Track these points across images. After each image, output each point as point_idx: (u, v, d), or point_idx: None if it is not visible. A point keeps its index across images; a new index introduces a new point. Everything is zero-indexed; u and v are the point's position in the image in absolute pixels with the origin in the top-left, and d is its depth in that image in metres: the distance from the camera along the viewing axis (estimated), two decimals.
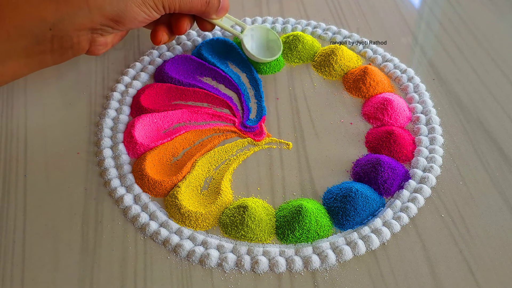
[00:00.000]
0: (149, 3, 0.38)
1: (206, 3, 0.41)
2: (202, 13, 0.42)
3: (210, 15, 0.43)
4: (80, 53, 0.39)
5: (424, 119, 0.45)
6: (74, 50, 0.38)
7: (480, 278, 0.35)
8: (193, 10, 0.41)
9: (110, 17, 0.37)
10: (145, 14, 0.38)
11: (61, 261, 0.35)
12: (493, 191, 0.40)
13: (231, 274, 0.35)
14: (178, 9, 0.40)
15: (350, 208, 0.37)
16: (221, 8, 0.43)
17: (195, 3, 0.40)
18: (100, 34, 0.38)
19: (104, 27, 0.37)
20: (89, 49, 0.39)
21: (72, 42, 0.37)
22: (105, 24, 0.37)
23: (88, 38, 0.37)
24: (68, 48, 0.37)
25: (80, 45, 0.37)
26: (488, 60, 0.51)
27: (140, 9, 0.37)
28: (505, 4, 0.57)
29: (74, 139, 0.43)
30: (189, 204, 0.38)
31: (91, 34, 0.37)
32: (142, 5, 0.37)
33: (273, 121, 0.45)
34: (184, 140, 0.43)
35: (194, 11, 0.41)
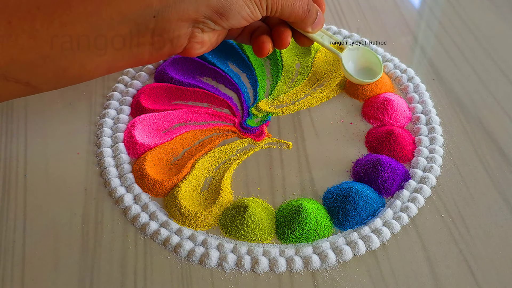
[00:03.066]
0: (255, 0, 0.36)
1: (306, 10, 0.39)
2: (301, 22, 0.40)
3: (307, 26, 0.41)
4: (178, 50, 0.36)
5: (424, 119, 0.45)
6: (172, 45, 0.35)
7: (480, 278, 0.35)
8: (293, 15, 0.39)
9: (215, 8, 0.35)
10: (249, 9, 0.36)
11: (61, 261, 0.35)
12: (493, 191, 0.40)
13: (231, 274, 0.35)
14: (279, 11, 0.38)
15: (350, 208, 0.37)
16: (317, 22, 0.41)
17: (296, 8, 0.39)
18: (201, 29, 0.36)
19: (207, 20, 0.35)
20: (187, 46, 0.37)
21: (172, 35, 0.35)
22: (209, 16, 0.35)
23: (189, 32, 0.35)
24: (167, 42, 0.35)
25: (179, 39, 0.35)
26: (488, 60, 0.51)
27: (245, 3, 0.36)
28: (505, 4, 0.57)
29: (74, 139, 0.43)
30: (189, 204, 0.38)
31: (192, 27, 0.35)
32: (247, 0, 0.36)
33: (273, 121, 0.45)
34: (184, 140, 0.43)
35: (294, 17, 0.39)
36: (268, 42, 0.41)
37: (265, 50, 0.41)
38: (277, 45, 0.41)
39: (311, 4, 0.40)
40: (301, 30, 0.42)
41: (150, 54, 0.35)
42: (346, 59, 0.46)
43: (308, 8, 0.39)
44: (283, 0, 0.37)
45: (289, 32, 0.41)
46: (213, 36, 0.38)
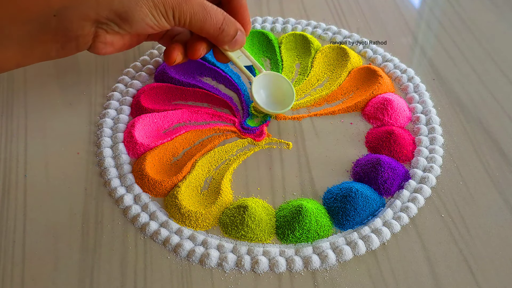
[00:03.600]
0: (160, 8, 0.36)
1: (219, 29, 0.38)
2: (215, 39, 0.39)
3: (222, 43, 0.40)
4: (83, 47, 0.37)
5: (424, 119, 0.45)
6: (77, 43, 0.36)
7: (480, 278, 0.35)
8: (204, 31, 0.38)
9: (117, 12, 0.35)
10: (154, 18, 0.36)
11: (61, 261, 0.35)
12: (493, 191, 0.40)
13: (231, 274, 0.35)
14: (188, 24, 0.37)
15: (350, 208, 0.37)
16: (235, 41, 0.40)
17: (207, 25, 0.38)
18: (105, 30, 0.36)
19: (110, 22, 0.36)
20: (92, 44, 0.37)
21: (76, 34, 0.35)
22: (111, 18, 0.35)
23: (92, 32, 0.36)
24: (71, 40, 0.36)
25: (83, 38, 0.36)
26: (488, 60, 0.51)
27: (150, 11, 0.36)
28: (505, 4, 0.57)
29: (74, 139, 0.43)
30: (189, 204, 0.38)
31: (95, 27, 0.36)
32: (152, 8, 0.36)
33: (273, 121, 0.45)
34: (184, 140, 0.43)
35: (205, 33, 0.39)
36: (177, 50, 0.40)
37: (171, 58, 0.40)
38: (189, 55, 0.40)
39: (228, 23, 0.39)
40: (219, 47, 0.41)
41: (56, 50, 0.36)
42: (257, 84, 0.43)
43: (222, 27, 0.38)
44: (192, 14, 0.37)
45: (202, 44, 0.40)
46: (121, 38, 0.38)
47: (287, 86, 0.44)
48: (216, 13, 0.38)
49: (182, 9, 0.36)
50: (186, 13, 0.37)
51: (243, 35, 0.41)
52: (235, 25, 0.40)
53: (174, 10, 0.36)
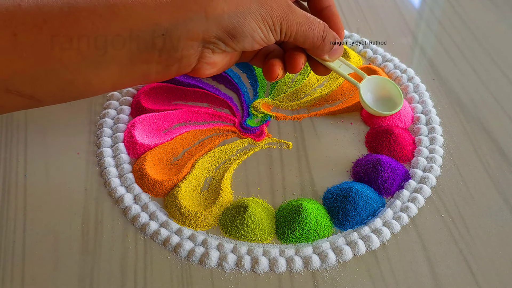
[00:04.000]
0: (268, 22, 0.35)
1: (322, 37, 0.38)
2: (316, 48, 0.38)
3: (323, 53, 0.39)
4: (186, 69, 0.35)
5: (424, 119, 0.45)
6: (181, 64, 0.34)
7: (480, 278, 0.35)
8: (308, 42, 0.37)
9: (227, 29, 0.33)
10: (262, 33, 0.35)
11: (61, 261, 0.35)
12: (493, 191, 0.40)
13: (231, 274, 0.35)
14: (294, 36, 0.36)
15: (350, 208, 0.37)
16: (335, 50, 0.40)
17: (311, 34, 0.37)
18: (211, 50, 0.35)
19: (217, 41, 0.34)
20: (196, 66, 0.35)
21: (181, 54, 0.34)
22: (220, 37, 0.34)
23: (198, 52, 0.34)
24: (175, 61, 0.34)
25: (188, 59, 0.34)
26: (488, 60, 0.51)
27: (258, 26, 0.34)
28: (505, 4, 0.57)
29: (74, 139, 0.43)
30: (189, 204, 0.38)
31: (202, 47, 0.34)
32: (260, 22, 0.34)
33: (273, 121, 0.45)
34: (184, 140, 0.43)
35: (309, 44, 0.38)
36: (278, 66, 0.39)
37: (273, 73, 0.39)
38: (289, 69, 0.40)
39: (328, 31, 0.38)
40: (317, 58, 0.40)
41: (157, 72, 0.35)
42: (365, 90, 0.43)
43: (324, 35, 0.38)
44: (298, 25, 0.36)
45: (301, 57, 0.39)
46: (224, 57, 0.37)
47: (392, 87, 0.44)
48: (318, 23, 0.37)
49: (289, 21, 0.35)
50: (293, 24, 0.36)
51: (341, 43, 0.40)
52: (333, 33, 0.39)
53: (282, 22, 0.35)
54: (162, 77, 0.35)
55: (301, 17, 0.36)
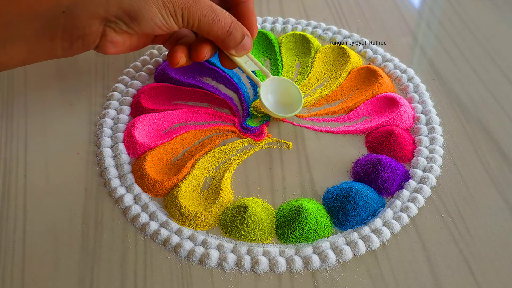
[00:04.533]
0: (169, 8, 0.36)
1: (227, 32, 0.38)
2: (222, 42, 0.39)
3: (229, 47, 0.40)
4: (90, 46, 0.36)
5: (424, 119, 0.45)
6: (84, 42, 0.36)
7: (480, 278, 0.35)
8: (212, 34, 0.38)
9: (126, 10, 0.35)
10: (163, 18, 0.36)
11: (61, 261, 0.35)
12: (493, 191, 0.40)
13: (231, 274, 0.35)
14: (196, 26, 0.37)
15: (350, 208, 0.37)
16: (242, 46, 0.40)
17: (216, 27, 0.37)
18: (113, 29, 0.36)
19: (118, 20, 0.35)
20: (99, 43, 0.36)
21: (84, 32, 0.35)
22: (120, 17, 0.35)
23: (100, 30, 0.35)
24: (78, 38, 0.35)
25: (91, 36, 0.35)
26: (488, 60, 0.51)
27: (159, 11, 0.35)
28: (505, 4, 0.57)
29: (74, 139, 0.43)
30: (189, 204, 0.38)
31: (103, 26, 0.35)
32: (161, 8, 0.35)
33: (273, 121, 0.45)
34: (184, 140, 0.43)
35: (213, 36, 0.38)
36: (181, 52, 0.40)
37: (174, 59, 0.40)
38: (193, 57, 0.40)
39: (235, 26, 0.38)
40: (225, 51, 0.40)
41: (62, 48, 0.36)
42: (265, 89, 0.43)
43: (230, 31, 0.38)
44: (201, 16, 0.37)
45: (205, 47, 0.40)
46: (128, 38, 0.37)
47: (295, 90, 0.44)
48: (224, 16, 0.38)
49: (191, 10, 0.36)
50: (195, 14, 0.36)
51: (250, 40, 0.40)
52: (243, 29, 0.39)
53: (184, 10, 0.36)
54: (69, 53, 0.36)
55: (205, 8, 0.37)
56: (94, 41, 0.36)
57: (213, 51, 0.41)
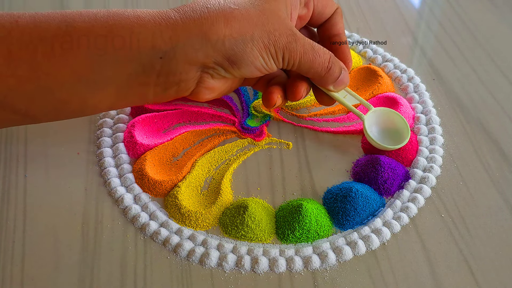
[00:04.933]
0: (270, 50, 0.34)
1: (327, 68, 0.36)
2: (321, 79, 0.37)
3: (328, 84, 0.38)
4: (184, 93, 0.35)
5: (424, 119, 0.45)
6: (179, 88, 0.34)
7: (480, 278, 0.35)
8: (312, 72, 0.36)
9: (227, 55, 0.33)
10: (263, 60, 0.34)
11: (61, 261, 0.35)
12: (493, 191, 0.40)
13: (231, 274, 0.35)
14: (297, 65, 0.35)
15: (350, 208, 0.37)
16: (340, 80, 0.38)
17: (316, 64, 0.36)
18: (210, 75, 0.34)
19: (217, 66, 0.33)
20: (195, 89, 0.34)
21: (179, 78, 0.33)
22: (219, 62, 0.33)
23: (197, 76, 0.34)
24: (173, 84, 0.33)
25: (187, 82, 0.33)
26: (488, 60, 0.51)
27: (260, 54, 0.33)
28: (505, 4, 0.57)
29: (74, 139, 0.43)
30: (189, 204, 0.38)
31: (201, 72, 0.33)
32: (262, 50, 0.33)
33: (273, 121, 0.45)
34: (184, 140, 0.43)
35: (313, 73, 0.36)
36: (277, 93, 0.38)
37: (271, 101, 0.38)
38: (289, 97, 0.38)
39: (333, 61, 0.37)
40: (322, 88, 0.39)
41: (154, 94, 0.34)
42: (370, 122, 0.41)
43: (329, 66, 0.36)
44: (302, 54, 0.35)
45: (303, 86, 0.38)
46: (224, 83, 0.36)
47: (398, 119, 0.41)
48: (324, 52, 0.36)
49: (292, 49, 0.34)
50: (296, 53, 0.35)
51: (347, 74, 0.39)
52: (340, 63, 0.38)
53: (285, 51, 0.34)
54: (160, 99, 0.35)
55: (305, 45, 0.35)
56: (189, 88, 0.34)
57: (309, 88, 0.39)
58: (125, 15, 0.32)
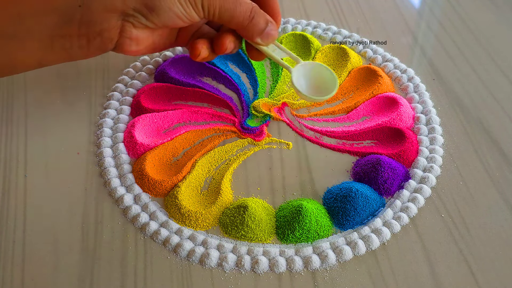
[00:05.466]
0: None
1: (249, 17, 0.36)
2: (245, 30, 0.36)
3: (253, 36, 0.37)
4: (108, 45, 0.34)
5: (424, 119, 0.45)
6: (102, 39, 0.34)
7: (480, 278, 0.35)
8: (234, 22, 0.36)
9: (144, 1, 0.33)
10: (182, 7, 0.34)
11: (61, 261, 0.35)
12: (493, 191, 0.40)
13: (231, 274, 0.35)
14: (218, 15, 0.35)
15: (350, 208, 0.37)
16: (267, 33, 0.37)
17: (237, 13, 0.35)
18: (131, 24, 0.34)
19: (137, 13, 0.33)
20: (118, 41, 0.34)
21: (100, 27, 0.33)
22: (138, 9, 0.33)
23: (118, 25, 0.33)
24: (96, 35, 0.33)
25: (109, 32, 0.33)
26: (488, 60, 0.51)
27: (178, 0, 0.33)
28: (505, 4, 0.57)
29: (74, 139, 0.43)
30: (189, 204, 0.38)
31: (121, 21, 0.33)
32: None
33: (273, 121, 0.45)
34: (184, 140, 0.43)
35: (235, 24, 0.36)
36: (202, 44, 0.37)
37: (195, 51, 0.37)
38: (215, 49, 0.38)
39: (256, 11, 0.36)
40: (251, 41, 0.38)
41: (79, 47, 0.34)
42: (298, 74, 0.40)
43: (252, 15, 0.36)
44: (222, 2, 0.35)
45: (228, 37, 0.37)
46: (149, 34, 0.36)
47: (328, 73, 0.40)
48: (244, 2, 0.36)
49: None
50: (215, 1, 0.34)
51: (275, 27, 0.38)
52: (265, 16, 0.37)
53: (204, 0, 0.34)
54: (85, 52, 0.35)
55: None
56: (112, 39, 0.34)
57: (237, 43, 0.38)
58: None
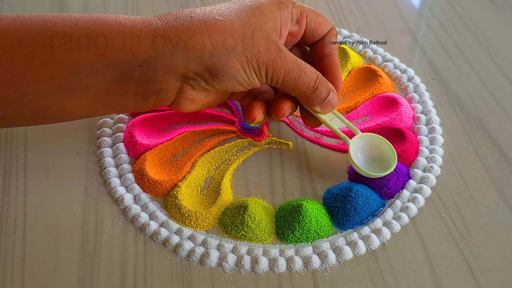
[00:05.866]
0: (253, 65, 0.33)
1: (313, 88, 0.35)
2: (306, 99, 0.36)
3: (313, 104, 0.36)
4: (164, 103, 0.34)
5: (424, 119, 0.45)
6: (159, 97, 0.33)
7: (480, 278, 0.35)
8: (297, 90, 0.35)
9: (207, 66, 0.32)
10: (245, 75, 0.33)
11: (61, 261, 0.35)
12: (493, 191, 0.40)
13: (231, 274, 0.35)
14: (281, 82, 0.34)
15: (350, 208, 0.37)
16: (328, 102, 0.36)
17: (301, 83, 0.34)
18: (191, 86, 0.33)
19: (198, 77, 0.32)
20: (175, 100, 0.34)
21: (159, 87, 0.32)
22: (199, 73, 0.32)
23: (177, 86, 0.33)
24: (152, 94, 0.33)
25: (166, 92, 0.33)
26: (488, 60, 0.51)
27: (242, 68, 0.32)
28: (505, 4, 0.57)
29: (74, 139, 0.43)
30: (189, 204, 0.38)
31: (181, 82, 0.33)
32: (244, 64, 0.32)
33: (273, 121, 0.45)
34: (184, 140, 0.43)
35: (297, 93, 0.35)
36: (258, 109, 0.37)
37: (251, 116, 0.37)
38: (272, 114, 0.37)
39: (321, 81, 0.36)
40: (308, 108, 0.38)
41: (134, 103, 0.33)
42: (355, 147, 0.39)
43: (315, 86, 0.35)
44: (286, 72, 0.34)
45: (286, 103, 0.37)
46: (207, 95, 0.35)
47: (386, 146, 0.39)
48: (310, 71, 0.35)
49: (276, 66, 0.33)
50: (280, 70, 0.34)
51: (336, 96, 0.37)
52: (328, 85, 0.36)
53: (268, 66, 0.33)
54: (140, 108, 0.34)
55: (290, 63, 0.34)
56: (169, 98, 0.33)
57: (294, 107, 0.38)
58: (106, 20, 0.32)
